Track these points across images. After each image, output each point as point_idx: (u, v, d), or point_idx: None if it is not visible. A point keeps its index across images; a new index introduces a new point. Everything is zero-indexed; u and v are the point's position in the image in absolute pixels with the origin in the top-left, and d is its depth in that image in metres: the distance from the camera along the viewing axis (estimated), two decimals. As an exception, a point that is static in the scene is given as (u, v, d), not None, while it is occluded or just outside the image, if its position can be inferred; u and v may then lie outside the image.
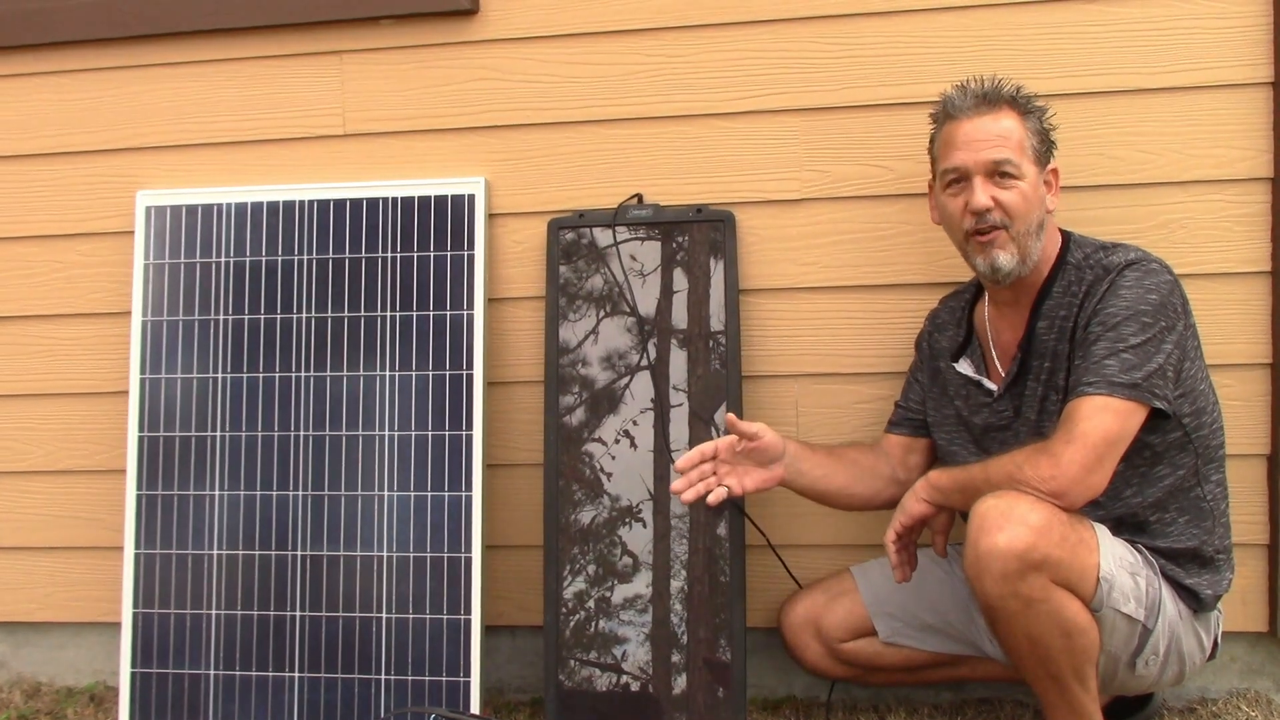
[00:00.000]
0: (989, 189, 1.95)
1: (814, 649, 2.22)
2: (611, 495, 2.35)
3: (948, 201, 2.02)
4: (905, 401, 2.25)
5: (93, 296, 2.59)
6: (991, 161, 1.95)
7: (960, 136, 1.98)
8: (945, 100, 2.04)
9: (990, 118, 1.97)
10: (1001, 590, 1.80)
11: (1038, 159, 1.99)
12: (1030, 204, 1.97)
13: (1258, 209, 2.26)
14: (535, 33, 2.44)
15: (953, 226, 2.04)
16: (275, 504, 2.39)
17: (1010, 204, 1.95)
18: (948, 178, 2.01)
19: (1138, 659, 1.94)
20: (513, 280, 2.47)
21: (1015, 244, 1.97)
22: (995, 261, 1.97)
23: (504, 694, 2.55)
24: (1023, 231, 1.97)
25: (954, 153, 1.99)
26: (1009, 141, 1.96)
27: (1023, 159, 1.96)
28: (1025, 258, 1.98)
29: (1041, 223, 2.00)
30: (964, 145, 1.97)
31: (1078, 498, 1.82)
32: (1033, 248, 1.99)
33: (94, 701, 2.59)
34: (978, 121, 1.97)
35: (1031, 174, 1.97)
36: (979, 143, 1.96)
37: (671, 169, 2.42)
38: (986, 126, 1.97)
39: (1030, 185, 1.97)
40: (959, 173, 1.98)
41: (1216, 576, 2.02)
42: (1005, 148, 1.95)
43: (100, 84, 2.57)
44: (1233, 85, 2.24)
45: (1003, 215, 1.95)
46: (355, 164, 2.50)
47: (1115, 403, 1.84)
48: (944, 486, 1.96)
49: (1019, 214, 1.96)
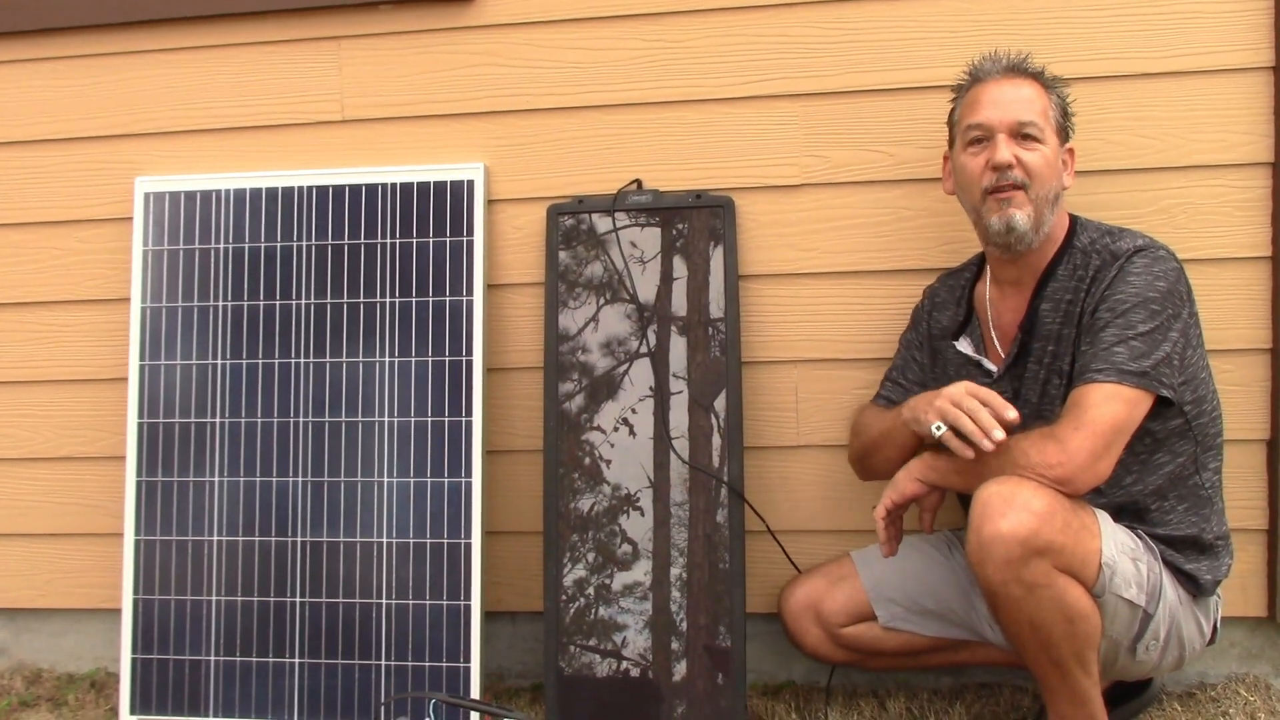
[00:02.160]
0: (1012, 147, 1.97)
1: (814, 634, 2.22)
2: (611, 483, 2.34)
3: (968, 161, 2.02)
4: (903, 378, 2.22)
5: (92, 283, 2.59)
6: (1017, 121, 1.98)
7: (986, 97, 2.01)
8: (973, 67, 2.07)
9: (1017, 83, 2.01)
10: (1004, 576, 1.79)
11: (1059, 131, 2.02)
12: (1051, 170, 1.98)
13: (1258, 194, 2.25)
14: (534, 17, 2.43)
15: (970, 185, 2.03)
16: (275, 490, 2.39)
17: (1032, 164, 1.96)
18: (970, 134, 2.02)
19: (1138, 644, 1.95)
20: (512, 266, 2.46)
21: (1033, 206, 1.97)
22: (1011, 220, 1.97)
23: (504, 680, 2.55)
24: (1041, 196, 1.97)
25: (980, 110, 2.01)
26: (1034, 106, 1.99)
27: (1046, 126, 1.99)
28: (1039, 224, 1.98)
29: (1058, 195, 2.01)
30: (990, 104, 2.00)
31: (1084, 484, 1.82)
32: (1047, 216, 1.99)
33: (95, 688, 2.59)
34: (1005, 85, 2.01)
35: (1053, 143, 2.00)
36: (1007, 103, 1.99)
37: (671, 155, 2.41)
38: (1015, 89, 2.00)
39: (1052, 152, 1.99)
40: (983, 130, 2.00)
41: (1216, 562, 2.02)
42: (1031, 110, 1.98)
43: (98, 70, 2.57)
44: (1234, 70, 2.24)
45: (1024, 174, 1.97)
46: (354, 150, 2.50)
47: (1124, 390, 1.83)
48: (942, 468, 1.95)
49: (1040, 176, 1.97)
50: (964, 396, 1.83)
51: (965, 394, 1.84)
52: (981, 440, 1.78)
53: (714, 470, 2.31)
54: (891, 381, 2.24)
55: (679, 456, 2.32)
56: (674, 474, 2.33)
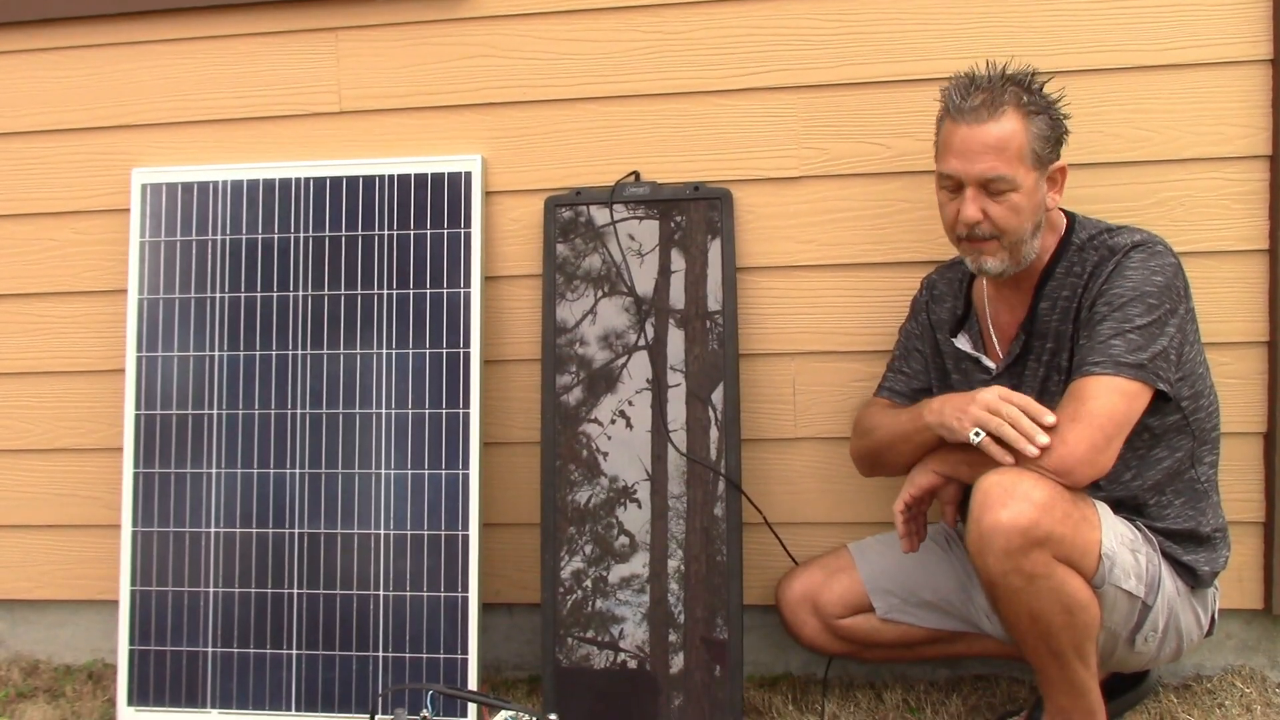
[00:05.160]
0: (980, 201, 1.92)
1: (811, 625, 2.22)
2: (609, 475, 2.34)
3: (943, 200, 1.99)
4: (906, 367, 2.21)
5: (88, 274, 2.58)
6: (984, 178, 1.91)
7: (957, 143, 1.92)
8: (948, 94, 1.96)
9: (991, 125, 1.89)
10: (1004, 566, 1.80)
11: (1039, 163, 1.93)
12: (1023, 216, 1.92)
13: (1256, 187, 2.25)
14: (532, 9, 2.42)
15: (946, 224, 2.01)
16: (272, 482, 2.39)
17: (1001, 218, 1.92)
18: (942, 180, 1.98)
19: (1137, 635, 1.95)
20: (509, 258, 2.46)
21: (1006, 252, 1.95)
22: (983, 266, 1.97)
23: (501, 671, 2.55)
24: (1014, 241, 1.94)
25: (949, 158, 1.94)
26: (1006, 152, 1.89)
27: (1019, 169, 1.90)
28: (1018, 261, 1.97)
29: (1038, 224, 1.97)
30: (959, 154, 1.92)
31: (1083, 477, 1.82)
32: (1027, 251, 1.97)
33: (92, 679, 2.59)
34: (976, 130, 1.90)
35: (1029, 182, 1.92)
36: (974, 154, 1.90)
37: (669, 147, 2.41)
38: (984, 136, 1.90)
39: (1026, 195, 1.92)
40: (952, 180, 1.95)
41: (1213, 554, 2.03)
42: (1000, 163, 1.89)
43: (95, 61, 2.56)
44: (1232, 62, 2.24)
45: (993, 228, 1.93)
46: (351, 141, 2.49)
47: (1122, 383, 1.83)
48: (952, 460, 1.95)
49: (1010, 227, 1.93)
50: (1000, 403, 1.83)
51: (1000, 400, 1.83)
52: (1026, 447, 1.79)
53: (711, 463, 2.31)
54: (894, 371, 2.23)
55: (676, 449, 2.32)
56: (671, 466, 2.33)
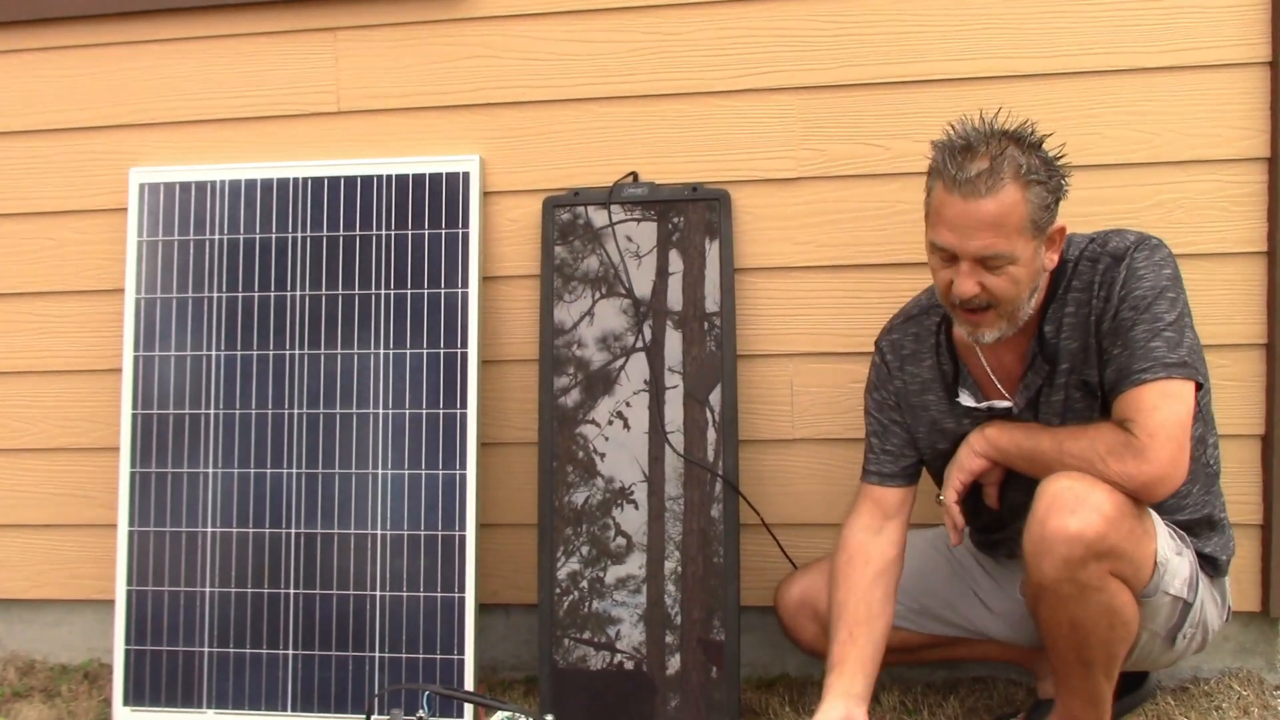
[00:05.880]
0: (977, 274, 1.81)
1: (811, 630, 2.21)
2: (605, 476, 2.34)
3: (936, 264, 1.88)
4: (890, 446, 2.07)
5: (86, 274, 2.58)
6: (980, 256, 1.80)
7: (951, 216, 1.80)
8: (939, 161, 1.82)
9: (989, 201, 1.76)
10: (1060, 574, 1.76)
11: (1038, 230, 1.81)
12: (1022, 285, 1.83)
13: (1255, 189, 2.25)
14: (530, 10, 2.42)
15: (938, 288, 1.90)
16: (269, 481, 2.39)
17: (998, 289, 1.82)
18: (935, 248, 1.85)
19: (1177, 634, 1.95)
20: (507, 259, 2.46)
21: (1004, 320, 1.87)
22: (980, 337, 1.89)
23: (498, 672, 2.55)
24: (1011, 309, 1.85)
25: (942, 230, 1.82)
26: (1004, 228, 1.77)
27: (1017, 242, 1.79)
28: (1015, 325, 1.89)
29: (1035, 286, 1.87)
30: (954, 228, 1.80)
31: (1166, 491, 1.79)
32: (1024, 312, 1.88)
33: (88, 679, 2.59)
34: (972, 206, 1.77)
35: (1027, 253, 1.81)
36: (970, 230, 1.78)
37: (667, 148, 2.41)
38: (981, 213, 1.77)
39: (1024, 265, 1.81)
40: (946, 251, 1.83)
41: (1225, 539, 2.03)
42: (999, 240, 1.78)
43: (93, 60, 2.56)
44: (1231, 65, 2.24)
45: (989, 298, 1.83)
46: (349, 141, 2.49)
47: (1174, 385, 1.80)
48: (1005, 448, 1.91)
49: (1008, 298, 1.83)
50: None
51: None
52: None
53: (709, 464, 2.31)
54: (877, 453, 2.08)
55: (674, 450, 2.32)
56: (669, 468, 2.33)
